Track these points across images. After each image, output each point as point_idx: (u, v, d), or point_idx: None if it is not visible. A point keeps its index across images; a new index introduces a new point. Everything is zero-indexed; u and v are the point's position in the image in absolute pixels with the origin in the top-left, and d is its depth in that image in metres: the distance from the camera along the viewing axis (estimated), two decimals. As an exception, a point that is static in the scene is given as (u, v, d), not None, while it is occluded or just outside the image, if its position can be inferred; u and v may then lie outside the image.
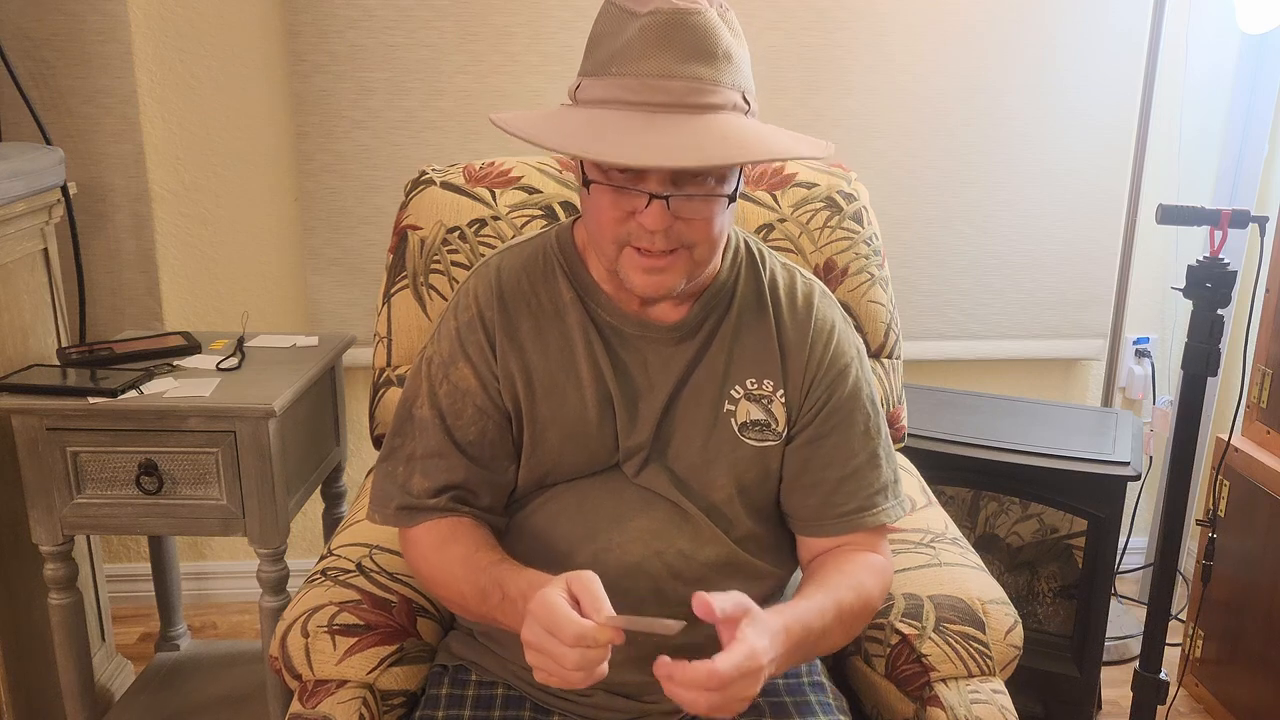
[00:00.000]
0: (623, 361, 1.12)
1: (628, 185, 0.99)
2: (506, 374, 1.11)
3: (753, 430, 1.12)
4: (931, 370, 2.42)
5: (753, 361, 1.13)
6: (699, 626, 0.95)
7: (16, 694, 1.70)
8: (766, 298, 1.15)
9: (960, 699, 1.18)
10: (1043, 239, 2.36)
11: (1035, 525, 2.03)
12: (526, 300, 1.13)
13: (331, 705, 1.14)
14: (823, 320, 1.16)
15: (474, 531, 1.11)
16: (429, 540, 1.11)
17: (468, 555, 1.08)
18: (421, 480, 1.11)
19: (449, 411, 1.12)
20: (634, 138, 0.95)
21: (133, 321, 2.21)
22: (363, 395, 2.21)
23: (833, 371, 1.14)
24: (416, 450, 1.12)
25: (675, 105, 0.97)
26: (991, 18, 2.23)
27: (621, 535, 1.10)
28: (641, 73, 0.97)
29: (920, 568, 1.32)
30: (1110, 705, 2.09)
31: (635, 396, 1.12)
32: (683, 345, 1.12)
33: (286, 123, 2.19)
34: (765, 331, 1.14)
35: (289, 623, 1.21)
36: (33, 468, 1.52)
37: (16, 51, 2.04)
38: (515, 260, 1.16)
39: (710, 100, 0.98)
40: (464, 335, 1.13)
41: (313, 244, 2.22)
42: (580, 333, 1.12)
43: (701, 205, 1.01)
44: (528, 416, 1.12)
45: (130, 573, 2.39)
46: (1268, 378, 1.95)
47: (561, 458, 1.12)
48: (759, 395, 1.13)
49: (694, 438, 1.12)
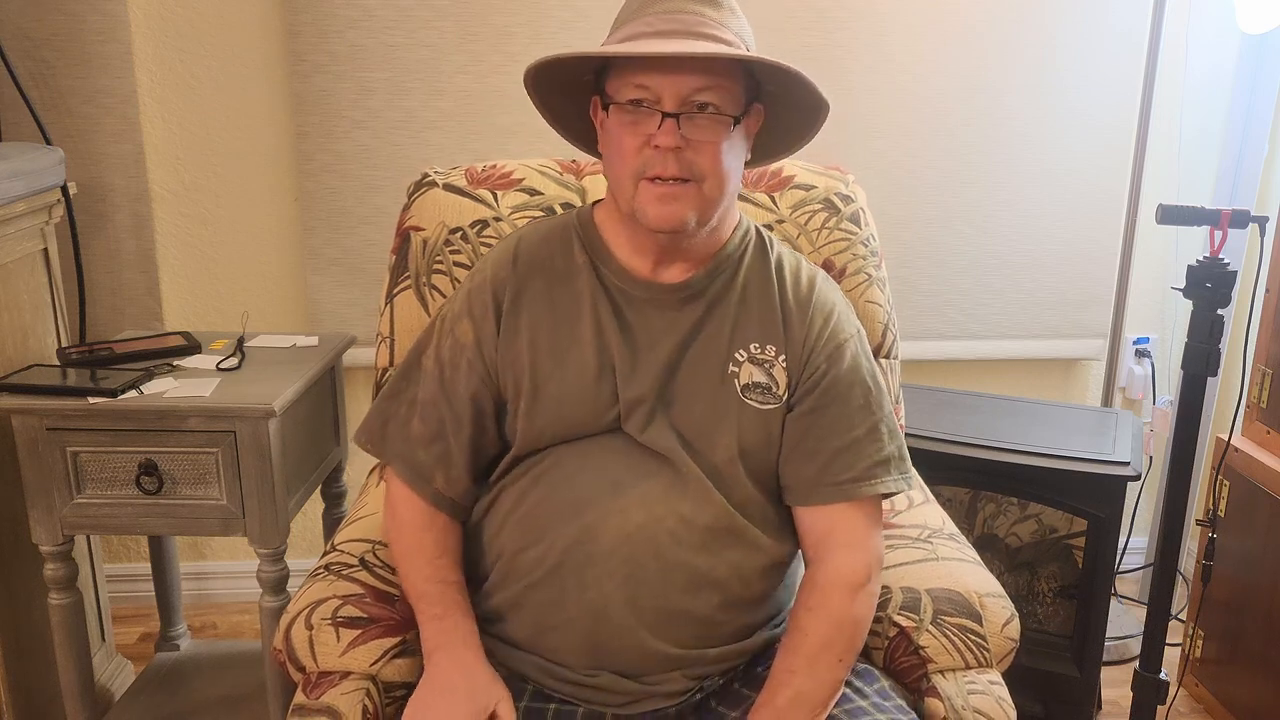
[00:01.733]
0: (628, 321, 1.17)
1: (645, 108, 1.07)
2: (511, 329, 1.17)
3: (755, 393, 1.15)
4: (931, 370, 2.42)
5: (757, 327, 1.18)
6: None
7: (16, 694, 1.70)
8: (772, 272, 1.21)
9: (958, 690, 1.19)
10: (1043, 239, 2.36)
11: (1034, 525, 2.03)
12: (542, 264, 1.20)
13: (335, 697, 1.15)
14: (823, 299, 1.21)
15: (449, 533, 1.21)
16: (413, 517, 1.21)
17: (435, 556, 1.19)
18: (420, 426, 1.20)
19: (448, 364, 1.20)
20: (651, 47, 1.05)
21: (133, 321, 2.22)
22: (363, 395, 2.21)
23: (831, 345, 1.17)
24: (418, 394, 1.21)
25: (686, 32, 1.07)
26: (991, 18, 2.23)
27: (622, 500, 1.12)
28: (658, 11, 1.09)
29: (917, 562, 1.32)
30: (1110, 705, 2.09)
31: (637, 353, 1.15)
32: (688, 307, 1.17)
33: (286, 123, 2.19)
34: (769, 300, 1.19)
35: (293, 615, 1.22)
36: (33, 468, 1.52)
37: (16, 51, 2.04)
38: (536, 231, 1.24)
39: (715, 33, 1.08)
40: (473, 295, 1.21)
41: (313, 244, 2.22)
42: (589, 294, 1.17)
43: (709, 128, 1.07)
44: (529, 371, 1.16)
45: (130, 573, 2.39)
46: (1268, 378, 1.95)
47: (560, 409, 1.15)
48: (761, 359, 1.16)
49: (700, 397, 1.15)
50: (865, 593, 1.14)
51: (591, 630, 1.12)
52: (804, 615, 1.13)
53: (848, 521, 1.15)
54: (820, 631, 1.11)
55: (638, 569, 1.10)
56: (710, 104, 1.07)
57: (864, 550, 1.15)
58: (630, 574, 1.10)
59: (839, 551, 1.14)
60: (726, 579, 1.13)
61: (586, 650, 1.13)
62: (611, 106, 1.10)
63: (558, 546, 1.12)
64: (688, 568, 1.11)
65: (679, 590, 1.11)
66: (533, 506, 1.16)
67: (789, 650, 1.11)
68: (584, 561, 1.11)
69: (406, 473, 1.21)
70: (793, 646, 1.11)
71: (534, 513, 1.15)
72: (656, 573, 1.11)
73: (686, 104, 1.07)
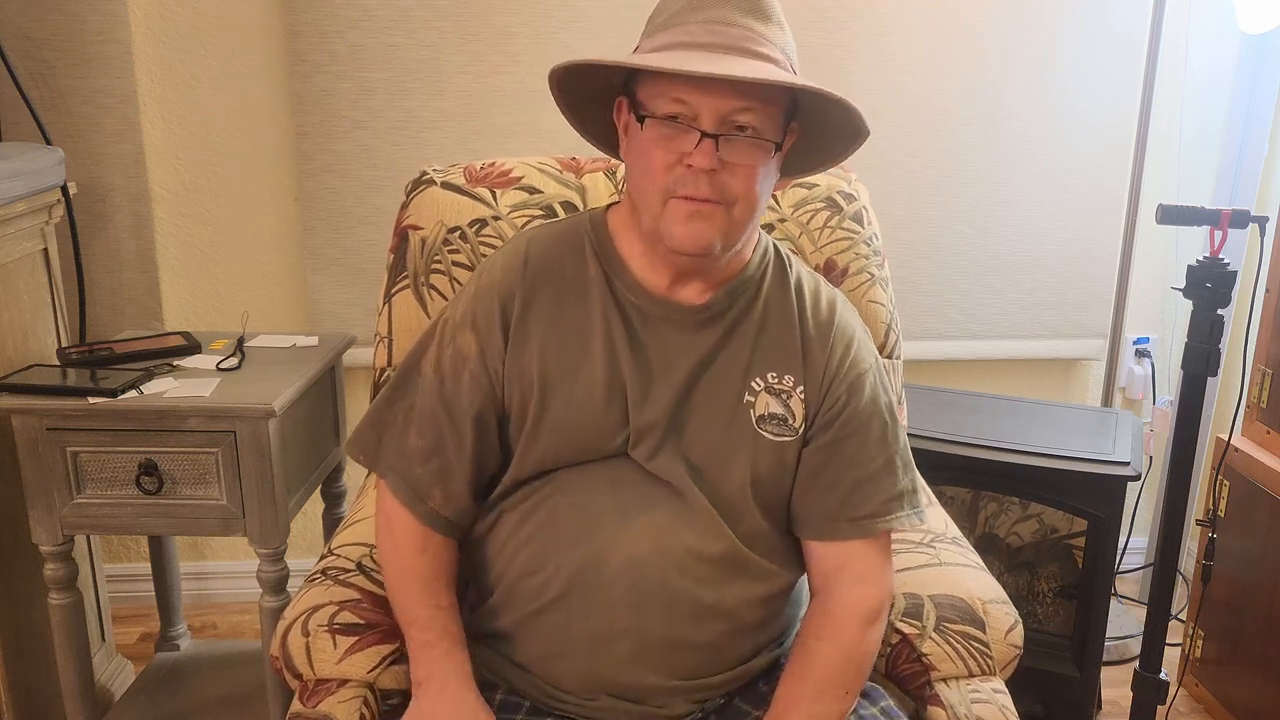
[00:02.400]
0: (641, 342, 1.12)
1: (682, 123, 1.01)
2: (520, 341, 1.12)
3: (770, 424, 1.12)
4: (931, 370, 2.42)
5: (775, 355, 1.13)
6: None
7: (16, 694, 1.70)
8: (792, 296, 1.16)
9: (961, 698, 1.19)
10: (1043, 239, 2.36)
11: (1035, 525, 2.03)
12: (552, 271, 1.14)
13: (332, 704, 1.14)
14: (844, 326, 1.17)
15: (444, 554, 1.16)
16: (408, 535, 1.15)
17: (428, 580, 1.14)
18: (416, 438, 1.14)
19: (448, 374, 1.14)
20: (695, 64, 0.98)
21: (133, 321, 2.21)
22: (363, 395, 2.21)
23: (851, 375, 1.14)
24: (415, 402, 1.15)
25: (732, 47, 1.01)
26: (991, 18, 2.23)
27: (628, 530, 1.09)
28: (702, 20, 1.02)
29: (921, 567, 1.32)
30: (1110, 705, 2.09)
31: (650, 376, 1.11)
32: (705, 331, 1.12)
33: (286, 123, 2.19)
34: (789, 328, 1.15)
35: (289, 622, 1.21)
36: (33, 468, 1.52)
37: (16, 51, 2.04)
38: (546, 235, 1.18)
39: (764, 51, 1.02)
40: (478, 302, 1.14)
41: (313, 244, 2.22)
42: (600, 310, 1.12)
43: (748, 151, 1.02)
44: (537, 389, 1.11)
45: (130, 573, 2.39)
46: (1268, 378, 1.95)
47: (566, 435, 1.11)
48: (779, 390, 1.13)
49: (713, 426, 1.11)
50: (877, 626, 1.13)
51: (594, 659, 1.10)
52: (814, 643, 1.10)
53: (862, 557, 1.13)
54: (831, 661, 1.09)
55: (643, 600, 1.08)
56: (750, 126, 1.02)
57: (878, 585, 1.13)
58: (635, 604, 1.08)
59: (853, 585, 1.12)
60: (733, 609, 1.11)
61: (588, 677, 1.11)
62: (646, 120, 1.03)
63: (562, 574, 1.10)
64: (694, 600, 1.09)
65: (685, 621, 1.09)
66: (536, 531, 1.12)
67: (797, 677, 1.09)
68: (588, 591, 1.09)
69: (402, 489, 1.15)
70: (801, 673, 1.09)
71: (538, 538, 1.12)
72: (662, 604, 1.08)
73: (725, 124, 1.01)
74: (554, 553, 1.10)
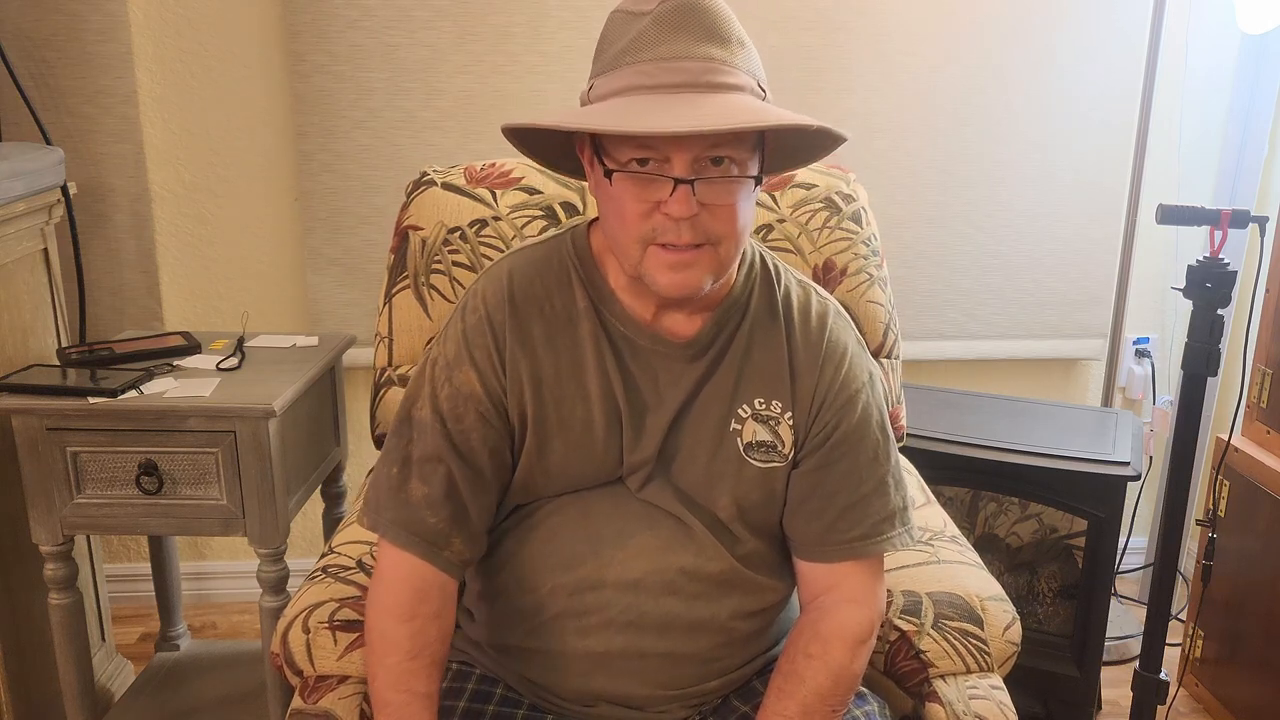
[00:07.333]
0: (632, 375, 1.09)
1: (651, 171, 0.96)
2: (515, 377, 1.08)
3: (758, 451, 1.10)
4: (931, 370, 2.42)
5: (762, 381, 1.10)
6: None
7: (16, 694, 1.70)
8: (780, 314, 1.12)
9: (959, 695, 1.19)
10: (1043, 239, 2.36)
11: (1035, 525, 2.03)
12: (539, 304, 1.09)
13: (333, 701, 1.15)
14: (835, 343, 1.13)
15: (440, 617, 1.07)
16: (405, 593, 1.06)
17: (409, 655, 1.04)
18: (419, 485, 1.07)
19: (449, 415, 1.08)
20: (656, 116, 0.92)
21: (133, 321, 2.22)
22: (363, 395, 2.21)
23: (843, 397, 1.11)
24: (414, 452, 1.08)
25: (692, 85, 0.95)
26: (991, 18, 2.23)
27: (624, 551, 1.09)
28: (656, 57, 0.95)
29: (919, 565, 1.32)
30: (1110, 705, 2.09)
31: (643, 411, 1.09)
32: (694, 364, 1.09)
33: (286, 123, 2.19)
34: (777, 350, 1.11)
35: (290, 619, 1.21)
36: (33, 468, 1.52)
37: (16, 51, 2.04)
38: (528, 263, 1.12)
39: (727, 80, 0.96)
40: (470, 338, 1.09)
41: (313, 244, 2.22)
42: (592, 342, 1.08)
43: (726, 189, 0.97)
44: (534, 422, 1.08)
45: (130, 573, 2.39)
46: (1268, 378, 1.95)
47: (566, 468, 1.10)
48: (766, 416, 1.10)
49: (699, 455, 1.10)
50: (866, 647, 1.12)
51: (591, 677, 1.10)
52: (803, 662, 1.08)
53: (853, 578, 1.12)
54: (819, 681, 1.07)
55: (639, 618, 1.07)
56: (726, 157, 0.96)
57: (868, 606, 1.12)
58: (631, 623, 1.08)
59: (844, 606, 1.11)
60: (729, 623, 1.11)
61: (586, 691, 1.11)
62: (614, 173, 0.97)
63: (559, 595, 1.09)
64: (690, 617, 1.09)
65: (680, 636, 1.09)
66: (533, 552, 1.11)
67: (784, 695, 1.07)
68: (584, 610, 1.08)
69: (413, 543, 1.06)
70: (789, 691, 1.07)
71: (534, 559, 1.11)
72: (658, 622, 1.08)
73: (699, 163, 0.95)
74: (549, 574, 1.10)
